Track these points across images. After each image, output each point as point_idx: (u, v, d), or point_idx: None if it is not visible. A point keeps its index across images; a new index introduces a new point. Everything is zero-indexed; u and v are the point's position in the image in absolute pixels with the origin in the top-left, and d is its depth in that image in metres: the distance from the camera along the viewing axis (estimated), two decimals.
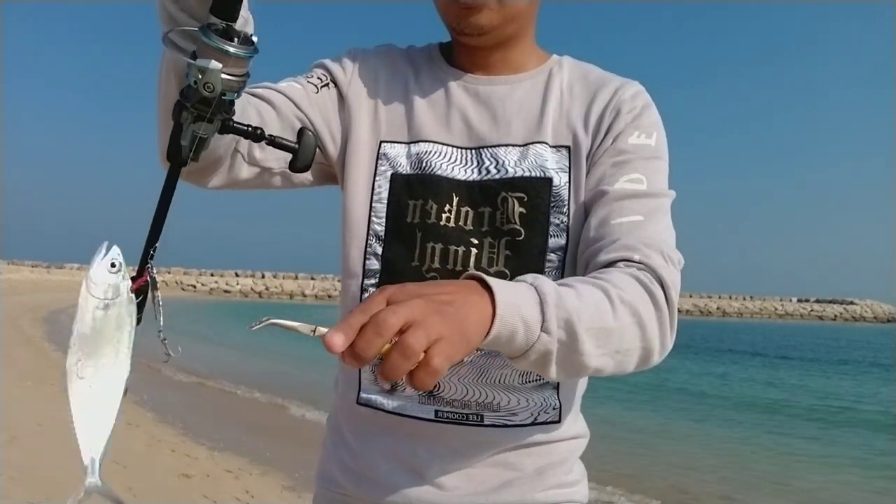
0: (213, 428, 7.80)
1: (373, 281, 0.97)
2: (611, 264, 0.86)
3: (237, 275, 75.40)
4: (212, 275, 73.65)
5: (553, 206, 0.94)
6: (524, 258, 0.94)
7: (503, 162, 0.96)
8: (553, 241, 0.94)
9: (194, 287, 67.92)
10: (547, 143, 0.97)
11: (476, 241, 0.94)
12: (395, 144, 0.99)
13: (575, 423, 1.03)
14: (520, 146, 0.97)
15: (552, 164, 0.96)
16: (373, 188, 0.98)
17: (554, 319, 0.72)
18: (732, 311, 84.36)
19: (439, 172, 0.97)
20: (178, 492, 4.89)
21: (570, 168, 0.96)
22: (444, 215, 0.95)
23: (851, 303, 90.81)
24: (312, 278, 76.24)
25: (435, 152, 0.98)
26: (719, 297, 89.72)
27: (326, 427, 1.10)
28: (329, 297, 67.98)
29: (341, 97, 1.02)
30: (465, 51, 1.02)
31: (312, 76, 1.02)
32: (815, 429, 10.77)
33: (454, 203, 0.95)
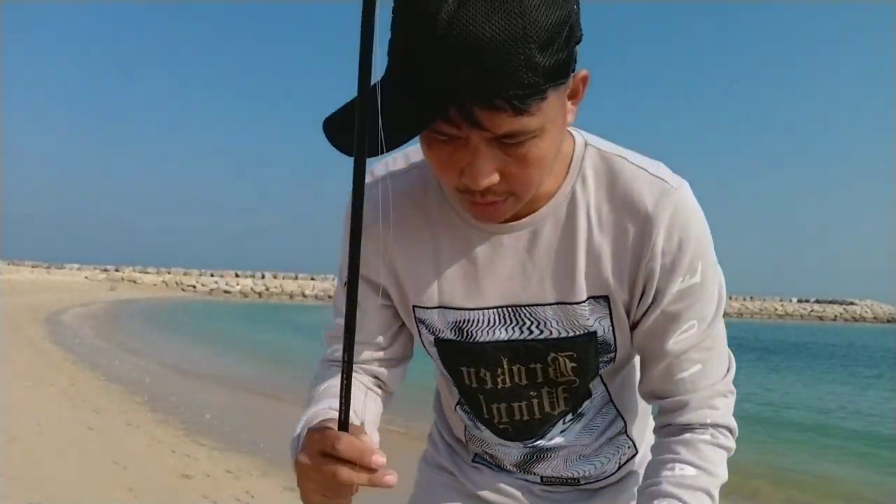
0: (213, 428, 7.79)
1: (463, 405, 1.07)
2: (688, 426, 0.95)
3: (237, 275, 75.26)
4: (212, 275, 73.52)
5: (601, 350, 0.96)
6: (580, 395, 1.01)
7: (544, 322, 0.92)
8: (604, 370, 1.00)
9: (194, 287, 67.79)
10: (581, 301, 0.91)
11: (534, 393, 0.98)
12: (428, 310, 0.95)
13: (648, 441, 1.12)
14: (555, 304, 0.92)
15: (592, 319, 0.92)
16: (427, 350, 1.02)
17: None
18: (732, 311, 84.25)
19: (482, 339, 0.94)
20: (178, 492, 4.88)
21: (610, 314, 0.92)
22: (498, 379, 0.97)
23: (851, 303, 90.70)
24: (312, 278, 76.14)
25: (472, 320, 0.94)
26: None
27: (437, 431, 1.22)
28: (329, 297, 67.70)
29: (372, 285, 0.98)
30: None
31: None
32: (820, 434, 10.76)
33: (504, 365, 0.96)
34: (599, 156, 0.89)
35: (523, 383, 0.97)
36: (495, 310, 0.93)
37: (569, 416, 1.03)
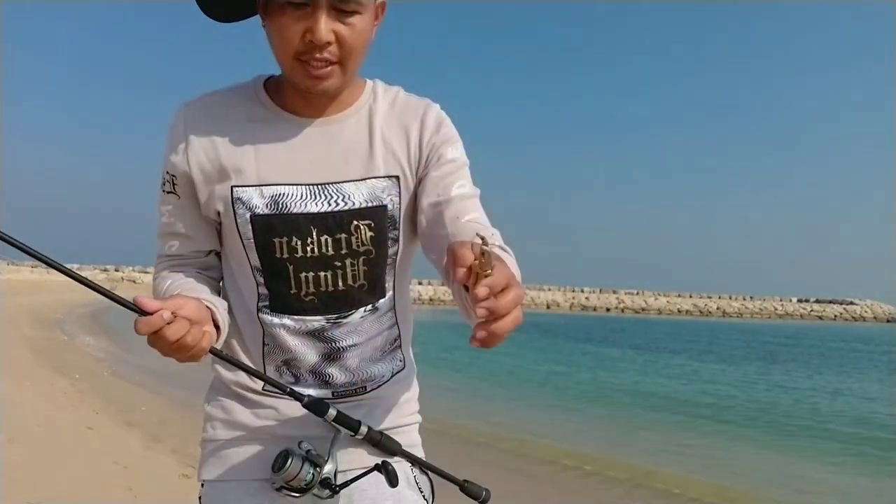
0: None
1: (266, 303, 1.20)
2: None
3: None
4: None
5: (390, 226, 1.19)
6: (376, 269, 1.21)
7: (349, 195, 1.16)
8: (391, 251, 1.21)
9: None
10: (379, 176, 1.18)
11: (339, 264, 1.17)
12: (247, 188, 1.15)
13: (410, 362, 1.34)
14: (358, 180, 1.17)
15: (385, 193, 1.18)
16: (239, 232, 1.16)
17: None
18: (732, 311, 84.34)
19: (295, 210, 1.14)
20: (178, 492, 4.89)
21: (399, 194, 1.20)
22: (308, 248, 1.15)
23: (851, 303, 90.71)
24: None
25: (288, 193, 1.15)
26: (719, 298, 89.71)
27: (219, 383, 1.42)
28: None
29: (191, 182, 1.18)
30: (298, 96, 1.16)
31: (167, 184, 1.20)
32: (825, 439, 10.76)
33: (314, 235, 1.15)
34: (384, 86, 1.25)
35: (330, 253, 1.15)
36: (307, 186, 1.15)
37: (368, 306, 1.22)
